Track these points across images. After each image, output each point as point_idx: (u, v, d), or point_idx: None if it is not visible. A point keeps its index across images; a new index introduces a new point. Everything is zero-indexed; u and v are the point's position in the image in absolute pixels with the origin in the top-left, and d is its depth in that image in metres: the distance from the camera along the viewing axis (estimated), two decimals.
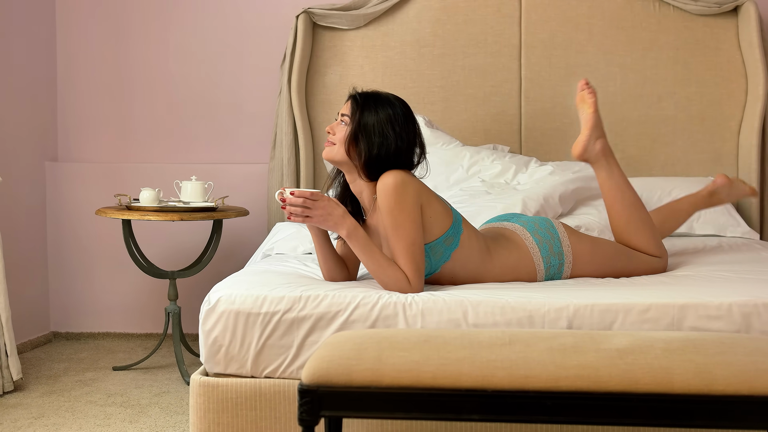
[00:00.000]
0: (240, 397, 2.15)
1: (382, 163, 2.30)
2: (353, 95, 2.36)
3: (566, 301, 2.10)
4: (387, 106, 2.32)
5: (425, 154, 2.40)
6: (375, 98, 2.35)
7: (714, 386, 1.64)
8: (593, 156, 2.64)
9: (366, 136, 2.30)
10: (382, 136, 2.29)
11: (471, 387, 1.67)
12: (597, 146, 2.62)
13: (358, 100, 2.34)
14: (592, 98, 2.63)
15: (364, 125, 2.30)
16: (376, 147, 2.29)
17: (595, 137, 2.62)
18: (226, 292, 2.19)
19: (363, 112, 2.31)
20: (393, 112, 2.32)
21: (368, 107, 2.32)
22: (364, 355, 1.73)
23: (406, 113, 2.35)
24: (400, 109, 2.34)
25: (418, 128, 2.38)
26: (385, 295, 2.16)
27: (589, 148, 2.63)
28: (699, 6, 3.71)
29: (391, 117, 2.31)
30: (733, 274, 2.43)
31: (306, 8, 3.78)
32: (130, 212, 3.30)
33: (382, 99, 2.35)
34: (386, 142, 2.29)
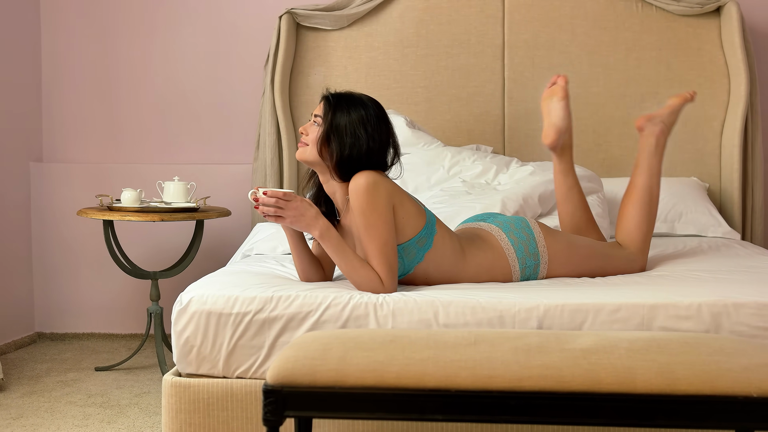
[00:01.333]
0: (212, 397, 2.15)
1: (354, 163, 2.30)
2: (326, 96, 2.36)
3: (536, 302, 2.11)
4: (359, 107, 2.33)
5: (399, 154, 2.40)
6: (348, 99, 2.35)
7: (676, 386, 1.65)
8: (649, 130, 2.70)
9: (338, 136, 2.30)
10: (354, 137, 2.29)
11: (434, 387, 1.68)
12: (658, 127, 2.70)
13: (331, 100, 2.34)
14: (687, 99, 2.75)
15: (336, 126, 2.30)
16: (347, 147, 2.29)
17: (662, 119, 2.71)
18: (198, 292, 2.19)
19: (335, 113, 2.32)
20: (365, 112, 2.32)
21: (341, 108, 2.32)
22: (329, 355, 1.73)
23: (378, 114, 2.35)
24: (373, 109, 2.34)
25: (391, 129, 2.38)
26: (357, 296, 2.16)
27: (654, 121, 2.71)
28: (681, 6, 3.72)
29: (363, 118, 2.31)
30: (707, 275, 2.44)
31: (289, 9, 3.78)
32: (111, 213, 3.30)
33: (355, 100, 2.35)
34: (358, 143, 2.29)
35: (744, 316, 2.06)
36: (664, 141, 2.69)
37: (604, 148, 3.79)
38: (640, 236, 2.65)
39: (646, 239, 2.66)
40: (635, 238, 2.65)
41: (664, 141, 2.69)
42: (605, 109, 3.79)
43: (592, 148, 3.78)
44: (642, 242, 2.65)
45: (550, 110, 2.70)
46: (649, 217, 2.66)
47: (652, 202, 2.65)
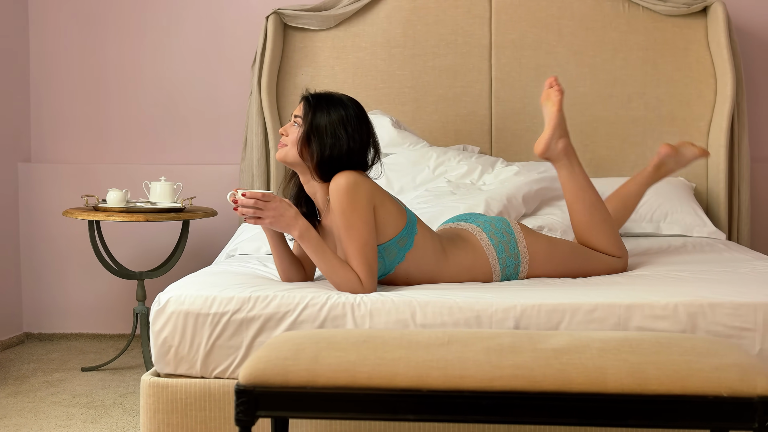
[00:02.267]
0: (189, 397, 2.15)
1: (335, 163, 2.30)
2: (306, 96, 2.37)
3: (513, 302, 2.11)
4: (339, 107, 2.33)
5: (379, 154, 2.41)
6: (327, 99, 2.35)
7: (647, 386, 1.65)
8: (555, 154, 2.64)
9: (318, 137, 2.30)
10: (334, 137, 2.29)
11: (406, 387, 1.68)
12: (559, 145, 2.63)
13: (311, 101, 2.35)
14: (558, 96, 2.63)
15: (316, 126, 2.31)
16: (328, 148, 2.29)
17: (558, 136, 2.62)
18: (176, 293, 2.19)
19: (315, 113, 2.32)
20: (345, 113, 2.32)
21: (320, 108, 2.32)
22: (301, 355, 1.73)
23: (358, 114, 2.35)
24: (353, 109, 2.34)
25: (371, 129, 2.38)
26: (334, 296, 2.16)
27: (551, 147, 2.63)
28: (668, 6, 3.72)
29: (343, 118, 2.31)
30: (687, 274, 2.44)
31: (276, 9, 3.79)
32: (96, 213, 3.30)
33: (335, 100, 2.35)
34: (338, 143, 2.29)
35: (720, 316, 2.06)
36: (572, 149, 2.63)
37: (591, 148, 3.79)
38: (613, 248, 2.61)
39: (618, 245, 2.62)
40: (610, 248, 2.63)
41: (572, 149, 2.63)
42: (592, 110, 3.79)
43: (579, 148, 3.77)
44: (617, 250, 2.62)
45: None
46: (609, 228, 2.62)
47: (599, 212, 2.62)
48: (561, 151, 2.63)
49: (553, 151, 2.63)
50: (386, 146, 3.49)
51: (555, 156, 2.64)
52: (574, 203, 2.65)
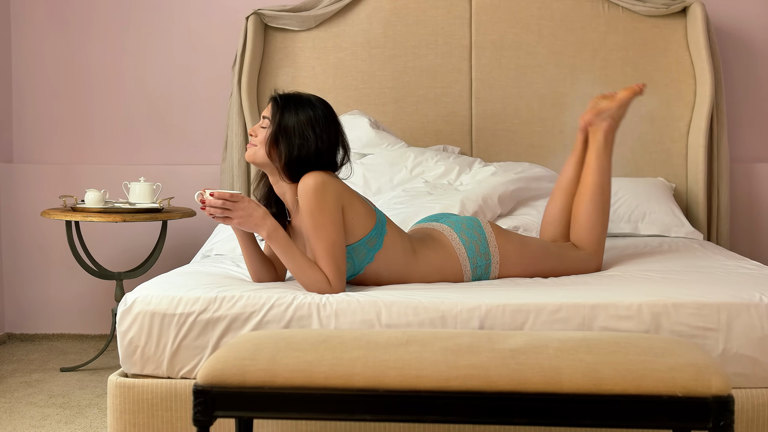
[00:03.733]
0: (156, 397, 2.15)
1: (303, 164, 2.31)
2: (274, 97, 2.37)
3: (478, 302, 2.11)
4: (308, 108, 2.33)
5: (349, 155, 2.41)
6: (296, 100, 2.35)
7: (602, 386, 1.65)
8: (597, 126, 2.68)
9: (286, 138, 2.30)
10: (302, 138, 2.29)
11: (363, 387, 1.68)
12: (606, 122, 2.68)
13: (279, 101, 2.35)
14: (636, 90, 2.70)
15: (284, 127, 2.31)
16: (296, 149, 2.29)
17: (611, 114, 2.69)
18: (143, 293, 2.20)
19: (283, 114, 2.32)
20: (314, 113, 2.32)
21: (288, 109, 2.33)
22: (259, 355, 1.74)
23: (327, 114, 2.35)
24: (321, 110, 2.35)
25: (340, 129, 2.38)
26: (300, 296, 2.17)
27: (602, 116, 2.68)
28: (647, 7, 3.72)
29: (311, 118, 2.31)
30: (657, 275, 2.44)
31: (256, 9, 3.79)
32: (74, 213, 3.31)
33: (303, 100, 2.35)
34: (306, 144, 2.30)
35: (684, 316, 2.07)
36: (612, 137, 2.69)
37: (570, 148, 3.76)
38: (594, 237, 2.65)
39: (600, 239, 2.66)
40: (589, 239, 2.65)
41: (612, 137, 2.69)
42: (572, 110, 3.79)
43: (559, 148, 3.79)
44: (597, 242, 2.65)
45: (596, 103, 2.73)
46: (602, 217, 2.66)
47: (604, 201, 2.65)
48: (604, 127, 2.68)
49: (599, 121, 2.68)
50: (364, 147, 3.50)
51: (596, 127, 2.68)
52: (588, 175, 2.67)
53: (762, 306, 2.08)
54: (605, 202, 2.65)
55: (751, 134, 3.91)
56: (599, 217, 2.64)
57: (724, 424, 1.62)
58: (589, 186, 2.65)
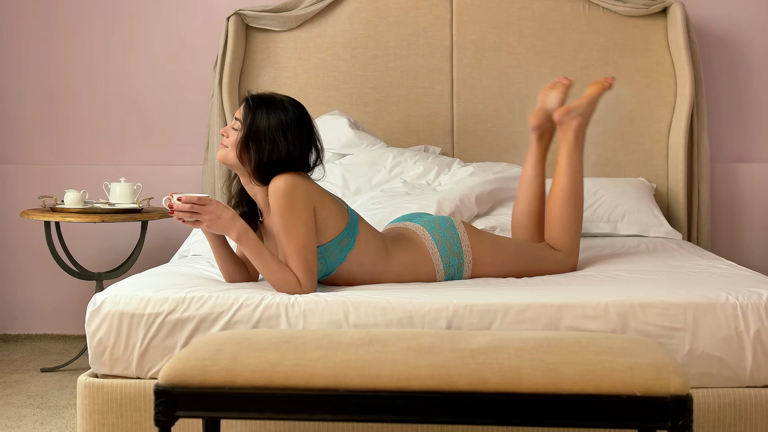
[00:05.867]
0: (125, 398, 2.16)
1: (274, 168, 2.29)
2: (246, 98, 2.36)
3: (446, 302, 2.12)
4: (279, 111, 2.32)
5: (322, 157, 2.40)
6: (268, 102, 2.34)
7: (561, 385, 1.65)
8: (567, 125, 2.66)
9: (256, 142, 2.29)
10: (273, 143, 2.28)
11: (323, 387, 1.68)
12: (576, 120, 2.66)
13: (251, 104, 2.34)
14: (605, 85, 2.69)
15: (255, 131, 2.29)
16: (266, 154, 2.28)
17: (580, 112, 2.67)
18: (112, 293, 2.20)
19: (254, 118, 2.30)
20: (285, 117, 2.31)
21: (260, 112, 2.31)
22: (220, 355, 1.74)
23: (299, 118, 2.34)
24: (293, 113, 2.33)
25: (313, 131, 2.37)
26: (269, 296, 2.17)
27: (572, 114, 2.67)
28: (628, 7, 3.73)
29: (282, 123, 2.30)
30: (628, 274, 2.45)
31: (237, 10, 3.79)
32: (53, 214, 3.31)
33: (276, 103, 2.34)
34: (277, 149, 2.28)
35: (650, 316, 2.08)
36: (583, 135, 2.69)
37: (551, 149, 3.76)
38: (568, 238, 2.65)
39: (575, 240, 2.66)
40: (564, 240, 2.65)
41: (583, 135, 2.69)
42: None
43: None
44: (571, 243, 2.65)
45: (546, 97, 2.73)
46: (576, 218, 2.65)
47: (577, 202, 2.65)
48: (574, 126, 2.66)
49: (569, 120, 2.66)
50: (343, 147, 3.50)
51: (566, 126, 2.66)
52: (560, 176, 2.66)
53: (728, 306, 2.08)
54: (579, 203, 2.65)
55: (731, 134, 3.92)
56: (573, 218, 2.64)
57: (683, 423, 1.63)
58: (562, 187, 2.64)
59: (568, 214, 2.63)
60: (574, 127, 2.66)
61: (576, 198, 2.64)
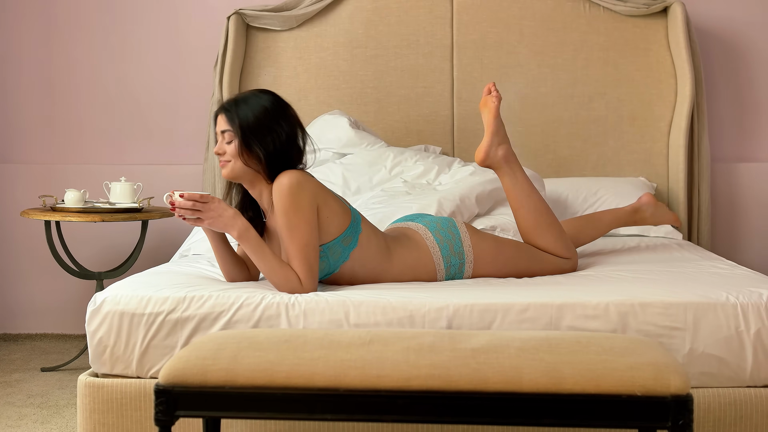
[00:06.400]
0: (125, 397, 2.16)
1: (282, 157, 2.30)
2: (222, 108, 2.33)
3: (446, 301, 2.12)
4: (258, 102, 2.31)
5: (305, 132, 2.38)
6: (243, 100, 2.32)
7: (562, 385, 1.65)
8: (496, 162, 2.64)
9: (256, 137, 2.28)
10: (270, 131, 2.29)
11: (324, 386, 1.68)
12: (500, 152, 2.64)
13: (230, 110, 2.31)
14: (495, 102, 2.64)
15: (249, 129, 2.28)
16: (271, 144, 2.28)
17: (497, 143, 2.63)
18: (112, 292, 2.20)
19: (241, 119, 2.28)
20: (267, 104, 2.31)
21: (242, 112, 2.29)
22: (221, 355, 1.74)
23: (276, 101, 2.34)
24: (269, 98, 2.33)
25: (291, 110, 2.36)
26: (269, 296, 2.17)
27: (491, 154, 2.64)
28: (628, 7, 3.73)
29: (267, 110, 2.30)
30: (628, 274, 2.45)
31: (238, 9, 3.79)
32: (53, 213, 3.31)
33: (249, 97, 2.33)
34: (277, 135, 2.29)
35: (650, 316, 2.07)
36: (513, 156, 2.64)
37: (552, 148, 3.80)
38: (558, 250, 2.62)
39: (567, 247, 2.63)
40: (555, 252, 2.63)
41: (513, 156, 2.64)
42: (553, 110, 3.80)
43: (541, 148, 3.79)
44: (563, 251, 2.63)
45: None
46: (554, 233, 2.62)
47: (548, 217, 2.63)
48: (501, 158, 2.64)
49: (494, 159, 2.64)
50: (344, 146, 3.50)
51: (496, 163, 2.65)
52: (519, 209, 2.65)
53: (729, 306, 2.08)
54: (549, 217, 2.63)
55: (731, 134, 3.91)
56: (552, 234, 2.62)
57: (683, 423, 1.62)
58: (526, 216, 2.62)
59: (547, 233, 2.62)
60: (501, 159, 2.63)
61: (543, 215, 2.62)
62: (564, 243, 2.64)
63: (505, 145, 2.63)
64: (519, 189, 2.63)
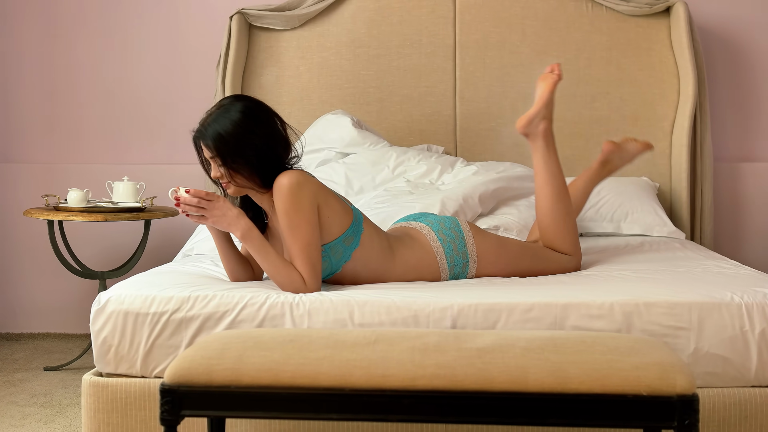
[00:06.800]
0: (129, 396, 2.16)
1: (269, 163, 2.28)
2: (195, 137, 2.31)
3: (451, 301, 2.11)
4: (224, 118, 2.26)
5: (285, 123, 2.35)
6: (211, 122, 2.28)
7: (568, 385, 1.65)
8: (534, 133, 2.66)
9: (237, 156, 2.24)
10: (248, 144, 2.24)
11: (329, 386, 1.68)
12: (541, 126, 2.65)
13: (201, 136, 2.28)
14: (555, 79, 2.67)
15: (227, 150, 2.24)
16: (253, 157, 2.25)
17: (542, 116, 2.66)
18: (116, 292, 2.20)
19: (216, 142, 2.25)
20: (234, 116, 2.26)
21: (214, 133, 2.25)
22: (226, 354, 1.74)
23: (243, 107, 2.28)
24: (237, 107, 2.28)
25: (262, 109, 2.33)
26: (273, 295, 2.17)
27: (534, 123, 2.66)
28: (631, 7, 3.73)
29: (236, 122, 2.25)
30: (632, 274, 2.45)
31: (240, 9, 3.79)
32: (56, 213, 3.31)
33: (216, 116, 2.28)
34: (256, 145, 2.25)
35: (655, 315, 2.07)
36: (551, 137, 2.66)
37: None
38: (567, 242, 2.63)
39: (574, 242, 2.64)
40: (563, 245, 2.63)
41: (551, 137, 2.66)
42: (556, 110, 3.70)
43: None
44: (571, 246, 2.64)
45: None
46: (569, 222, 2.63)
47: (566, 206, 2.64)
48: (541, 132, 2.65)
49: (534, 129, 2.66)
50: (346, 146, 3.50)
51: (533, 134, 2.66)
52: (542, 187, 2.66)
53: (733, 305, 2.08)
54: (567, 206, 2.64)
55: (734, 134, 3.91)
56: (566, 223, 2.62)
57: (689, 423, 1.62)
58: (547, 195, 2.63)
59: (561, 220, 2.62)
60: (540, 133, 2.65)
61: (563, 203, 2.63)
62: (574, 237, 2.64)
63: (547, 121, 2.65)
64: (547, 168, 2.64)
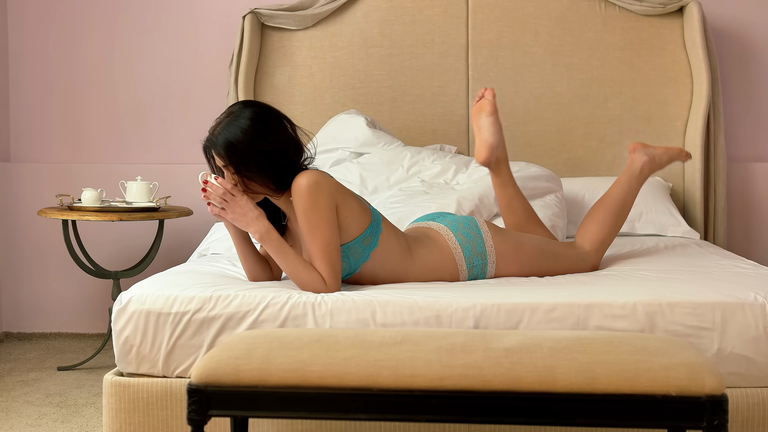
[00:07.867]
0: (151, 396, 2.16)
1: (283, 169, 2.27)
2: (205, 146, 2.29)
3: (473, 301, 2.11)
4: (234, 126, 2.24)
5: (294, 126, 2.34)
6: (221, 131, 2.26)
7: (596, 385, 1.65)
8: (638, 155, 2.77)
9: (250, 164, 2.23)
10: (260, 152, 2.23)
11: (356, 386, 1.68)
12: (646, 157, 2.76)
13: (212, 145, 2.26)
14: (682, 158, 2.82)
15: (239, 159, 2.23)
16: (267, 163, 2.24)
17: (653, 154, 2.78)
18: (138, 292, 2.20)
19: (228, 151, 2.23)
20: (244, 124, 2.24)
21: (224, 142, 2.23)
22: (253, 354, 1.74)
23: (252, 114, 2.27)
24: (246, 115, 2.26)
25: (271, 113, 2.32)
26: (295, 295, 2.17)
27: (646, 150, 2.78)
28: (644, 6, 3.73)
29: (246, 129, 2.23)
30: (652, 274, 2.45)
31: (253, 9, 3.79)
32: (70, 212, 3.31)
33: (226, 124, 2.26)
34: (268, 152, 2.24)
35: (678, 316, 2.07)
36: (648, 172, 2.77)
37: (567, 148, 3.80)
38: (600, 238, 2.66)
39: (605, 242, 2.68)
40: (594, 238, 2.66)
41: (648, 172, 2.77)
42: (569, 109, 3.79)
43: (556, 147, 3.79)
44: (601, 244, 2.67)
45: (480, 126, 2.70)
46: (615, 224, 2.70)
47: (621, 213, 2.71)
48: (643, 160, 2.75)
49: (640, 151, 2.77)
50: (361, 146, 3.50)
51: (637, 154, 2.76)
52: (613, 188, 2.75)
53: (757, 305, 2.08)
54: (622, 216, 2.72)
55: (747, 134, 3.91)
56: (612, 224, 2.69)
57: (718, 423, 1.62)
58: (613, 195, 2.73)
59: (611, 219, 2.69)
60: (643, 160, 2.75)
61: (622, 209, 2.72)
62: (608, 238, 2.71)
63: (652, 163, 2.77)
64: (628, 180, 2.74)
